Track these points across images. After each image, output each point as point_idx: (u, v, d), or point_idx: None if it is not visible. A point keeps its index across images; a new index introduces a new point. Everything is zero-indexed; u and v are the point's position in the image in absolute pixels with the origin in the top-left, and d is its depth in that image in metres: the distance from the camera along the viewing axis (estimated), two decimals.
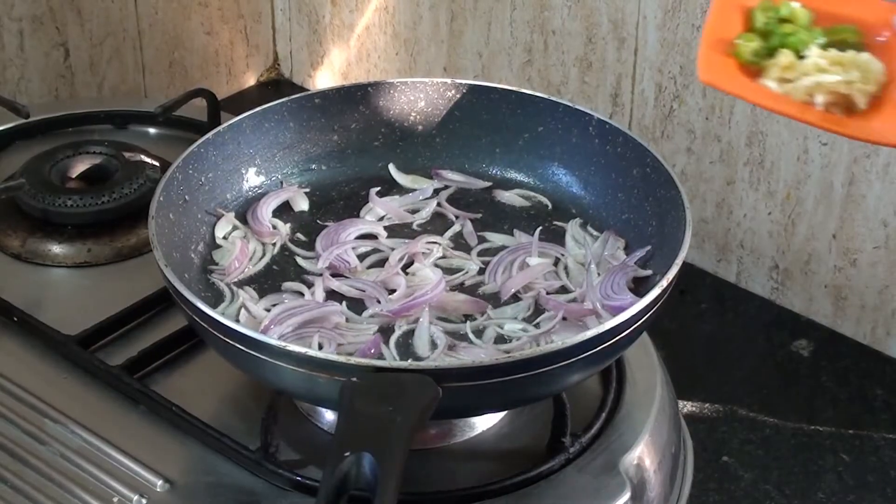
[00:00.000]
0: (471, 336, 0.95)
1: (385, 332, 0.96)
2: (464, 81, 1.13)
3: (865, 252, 1.37)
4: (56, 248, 1.16)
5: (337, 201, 1.11)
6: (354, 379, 0.82)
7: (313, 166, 1.12)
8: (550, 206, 1.10)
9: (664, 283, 0.89)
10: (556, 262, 1.03)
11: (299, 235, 1.07)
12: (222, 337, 0.87)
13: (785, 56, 0.83)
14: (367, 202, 1.10)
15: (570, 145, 1.10)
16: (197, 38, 1.74)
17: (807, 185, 1.39)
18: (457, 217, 1.09)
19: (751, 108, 1.39)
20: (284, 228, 1.07)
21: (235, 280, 1.01)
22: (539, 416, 0.97)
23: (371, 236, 1.06)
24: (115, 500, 0.92)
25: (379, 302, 0.98)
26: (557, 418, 0.94)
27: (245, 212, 1.08)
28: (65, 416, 0.98)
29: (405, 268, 1.02)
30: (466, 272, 1.03)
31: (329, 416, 0.97)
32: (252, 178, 1.10)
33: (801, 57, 0.82)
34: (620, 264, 1.00)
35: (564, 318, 0.96)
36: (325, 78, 1.83)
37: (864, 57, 0.81)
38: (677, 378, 1.07)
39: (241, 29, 1.80)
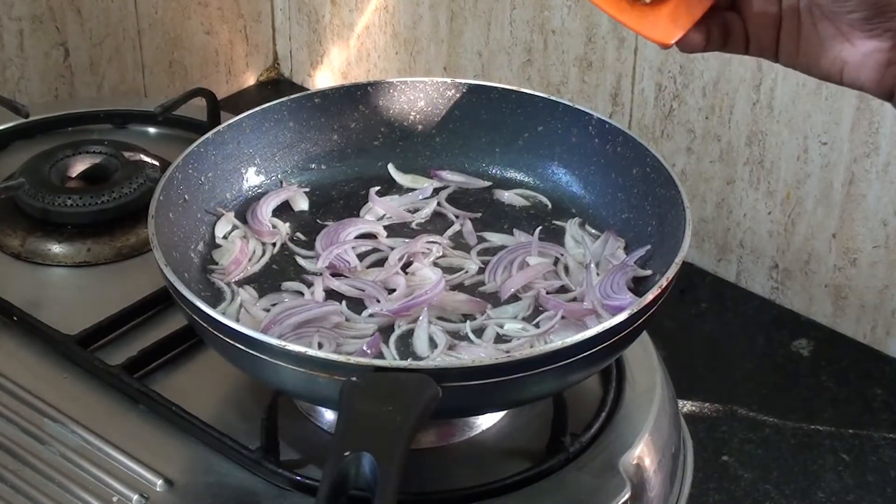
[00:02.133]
0: (471, 336, 0.95)
1: (385, 331, 0.96)
2: (463, 81, 1.12)
3: (865, 252, 1.37)
4: (56, 248, 1.16)
5: (337, 201, 1.11)
6: (354, 379, 0.81)
7: (313, 166, 1.12)
8: (550, 205, 1.10)
9: (664, 282, 0.89)
10: (556, 261, 1.03)
11: (299, 235, 1.07)
12: (222, 336, 0.87)
13: None
14: (367, 202, 1.10)
15: (570, 145, 1.10)
16: (197, 37, 1.74)
17: (806, 185, 1.39)
18: (456, 217, 1.09)
19: (751, 107, 1.39)
20: (284, 228, 1.07)
21: (235, 280, 1.01)
22: (539, 415, 0.97)
23: (371, 236, 1.06)
24: (115, 499, 0.92)
25: (378, 301, 0.98)
26: (557, 418, 0.94)
27: (245, 211, 1.08)
28: (65, 416, 0.98)
29: (405, 267, 1.02)
30: (466, 272, 1.03)
31: (329, 415, 0.97)
32: (252, 178, 1.10)
33: None
34: (620, 264, 1.00)
35: (564, 318, 0.96)
36: (324, 77, 1.83)
37: None
38: (677, 378, 1.07)
39: (241, 28, 1.80)
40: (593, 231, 1.06)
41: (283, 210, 1.09)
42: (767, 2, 0.81)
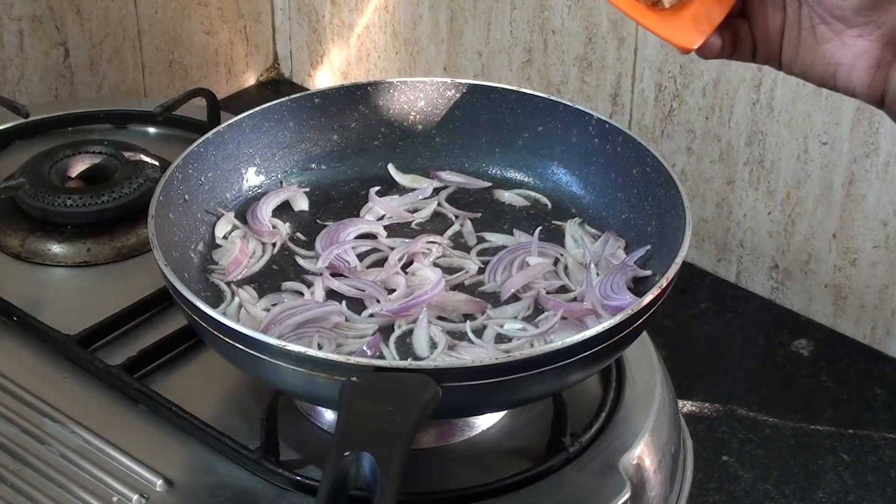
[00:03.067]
0: (470, 335, 0.95)
1: (385, 331, 0.96)
2: (463, 81, 1.12)
3: (865, 252, 1.37)
4: (56, 248, 1.16)
5: (337, 201, 1.11)
6: (354, 379, 0.81)
7: (313, 166, 1.12)
8: (550, 205, 1.10)
9: (664, 282, 0.89)
10: (556, 261, 1.03)
11: (299, 235, 1.07)
12: (222, 337, 0.87)
13: None
14: (367, 202, 1.10)
15: (570, 145, 1.10)
16: (197, 37, 1.74)
17: (807, 185, 1.39)
18: (456, 217, 1.09)
19: (751, 107, 1.39)
20: (284, 228, 1.07)
21: (235, 280, 1.01)
22: (539, 416, 0.97)
23: (371, 236, 1.06)
24: (115, 499, 0.92)
25: (378, 301, 0.98)
26: (557, 418, 0.94)
27: (245, 211, 1.08)
28: (65, 416, 0.98)
29: (405, 267, 1.02)
30: (466, 272, 1.03)
31: (329, 415, 0.97)
32: (252, 178, 1.10)
33: None
34: (620, 264, 1.00)
35: (564, 318, 0.96)
36: (324, 77, 1.83)
37: None
38: (677, 378, 1.07)
39: (241, 28, 1.80)
40: (593, 231, 1.06)
41: (283, 210, 1.09)
42: (775, 9, 0.83)
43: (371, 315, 0.97)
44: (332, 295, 0.99)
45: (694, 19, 0.83)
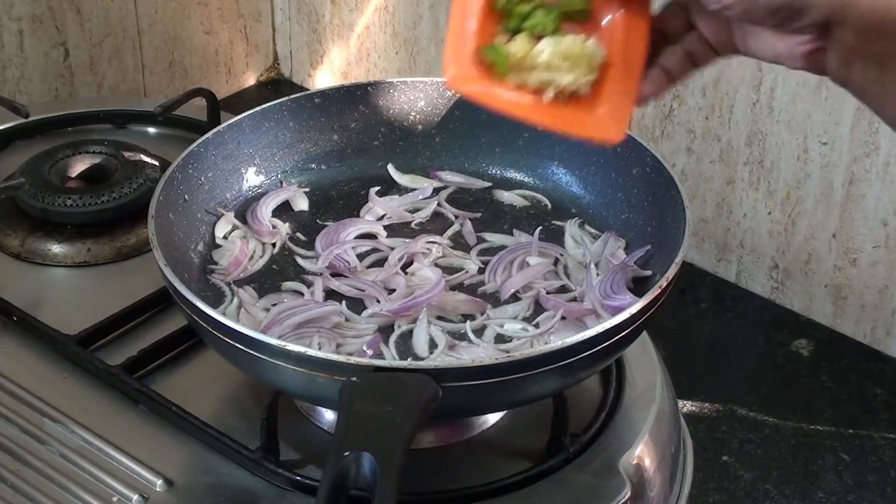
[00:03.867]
0: (470, 336, 0.95)
1: (384, 331, 0.96)
2: None
3: (865, 252, 1.37)
4: (56, 248, 1.16)
5: (336, 201, 1.11)
6: (354, 379, 0.81)
7: (313, 166, 1.12)
8: (550, 205, 1.10)
9: (664, 282, 0.89)
10: (556, 261, 1.03)
11: (299, 235, 1.07)
12: (222, 337, 0.87)
13: (519, 44, 0.85)
14: (367, 202, 1.10)
15: (570, 145, 1.09)
16: (196, 37, 1.74)
17: (807, 185, 1.39)
18: (456, 217, 1.09)
19: (751, 107, 1.39)
20: (284, 228, 1.07)
21: (235, 280, 1.01)
22: (539, 415, 0.97)
23: (371, 236, 1.06)
24: (115, 499, 0.92)
25: (378, 301, 0.98)
26: (557, 418, 0.94)
27: (245, 211, 1.08)
28: (65, 416, 0.98)
29: (405, 267, 1.02)
30: (466, 272, 1.03)
31: (329, 415, 0.97)
32: (252, 178, 1.10)
33: (539, 37, 0.85)
34: (620, 264, 1.00)
35: (564, 318, 0.96)
36: (324, 77, 1.83)
37: (591, 46, 0.85)
38: (677, 378, 1.07)
39: (241, 28, 1.80)
40: (593, 231, 1.06)
41: (283, 210, 1.09)
42: (715, 20, 0.85)
43: (371, 315, 0.97)
44: (331, 295, 0.99)
45: (613, 110, 0.84)
